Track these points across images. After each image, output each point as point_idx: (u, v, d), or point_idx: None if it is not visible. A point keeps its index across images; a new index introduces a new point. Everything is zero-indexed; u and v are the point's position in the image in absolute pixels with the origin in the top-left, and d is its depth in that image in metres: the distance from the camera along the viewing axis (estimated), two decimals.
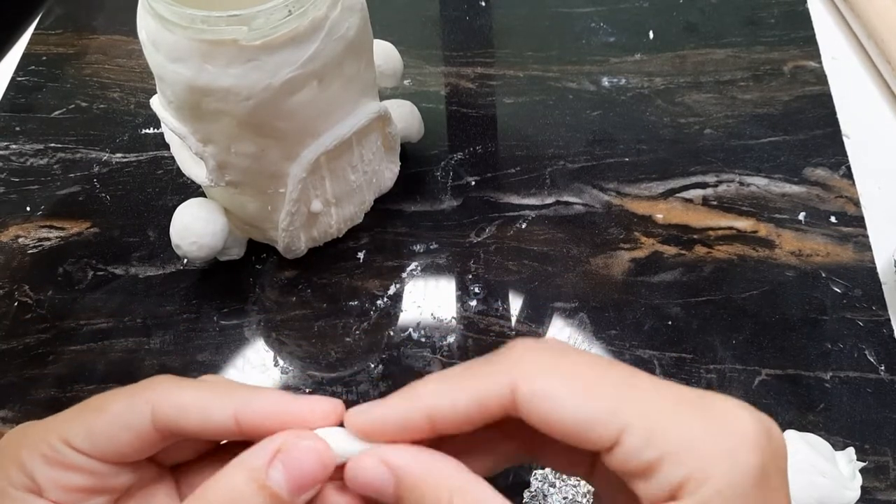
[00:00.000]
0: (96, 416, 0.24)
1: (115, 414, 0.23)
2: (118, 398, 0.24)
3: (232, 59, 0.30)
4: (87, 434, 0.23)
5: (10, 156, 0.46)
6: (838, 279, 0.39)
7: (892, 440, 0.34)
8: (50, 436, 0.23)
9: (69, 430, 0.23)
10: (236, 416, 0.22)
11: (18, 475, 0.23)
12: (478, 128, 0.46)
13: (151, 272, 0.41)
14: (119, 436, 0.23)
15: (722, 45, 0.49)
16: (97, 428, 0.23)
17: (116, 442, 0.23)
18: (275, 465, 0.21)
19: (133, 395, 0.24)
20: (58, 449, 0.23)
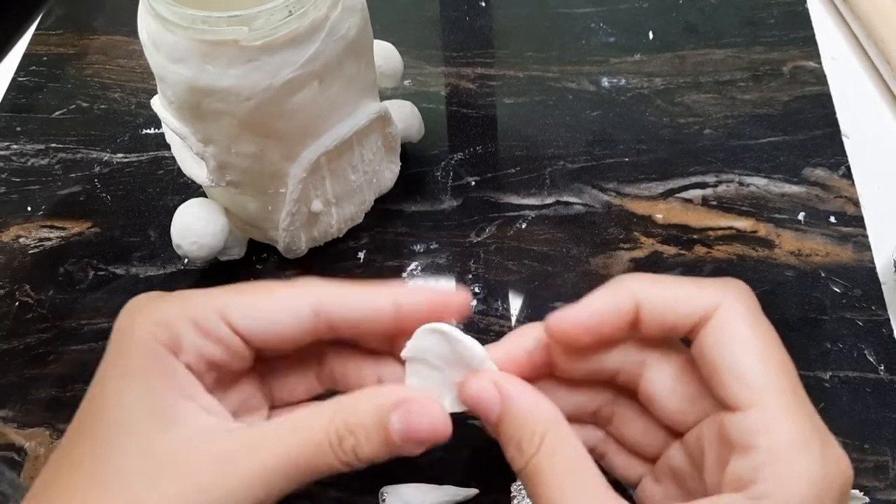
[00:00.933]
0: (261, 298, 0.25)
1: (280, 297, 0.25)
2: (282, 290, 0.25)
3: (232, 60, 0.30)
4: (249, 312, 0.24)
5: (10, 156, 0.46)
6: (838, 279, 0.39)
7: (891, 440, 0.34)
8: (205, 306, 0.24)
9: (229, 306, 0.24)
10: (397, 305, 0.25)
11: (163, 331, 0.24)
12: (478, 128, 0.46)
13: (152, 272, 0.41)
14: (280, 320, 0.25)
15: (721, 46, 0.49)
16: (261, 309, 0.25)
17: (276, 325, 0.25)
18: (397, 411, 0.23)
19: (296, 290, 0.25)
20: (212, 320, 0.24)
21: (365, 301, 0.25)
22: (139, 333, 0.24)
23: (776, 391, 0.21)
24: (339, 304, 0.25)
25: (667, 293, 0.24)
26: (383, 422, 0.23)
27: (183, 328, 0.24)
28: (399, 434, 0.23)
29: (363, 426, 0.23)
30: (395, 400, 0.23)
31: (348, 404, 0.24)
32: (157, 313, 0.24)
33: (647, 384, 0.25)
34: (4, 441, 0.36)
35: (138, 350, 0.23)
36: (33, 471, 0.35)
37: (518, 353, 0.26)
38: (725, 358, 0.22)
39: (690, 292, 0.23)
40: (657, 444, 0.26)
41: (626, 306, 0.24)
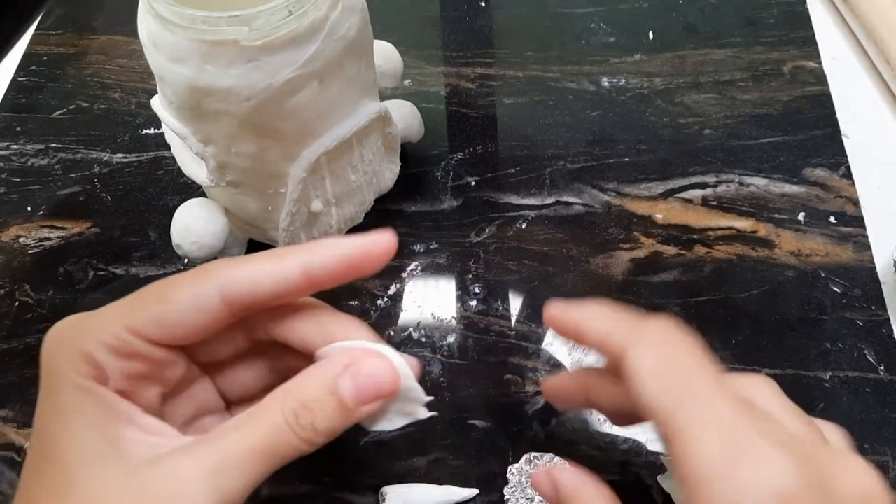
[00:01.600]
0: (165, 305, 0.24)
1: (183, 301, 0.24)
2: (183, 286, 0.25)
3: (232, 60, 0.30)
4: (157, 322, 0.24)
5: (10, 156, 0.46)
6: (838, 279, 0.39)
7: (891, 440, 0.34)
8: (115, 326, 0.24)
9: (136, 320, 0.24)
10: (306, 271, 0.25)
11: (84, 364, 0.23)
12: (478, 128, 0.46)
13: (152, 272, 0.41)
14: (190, 320, 0.24)
15: (721, 46, 0.49)
16: (168, 316, 0.24)
17: (187, 326, 0.24)
18: (345, 376, 0.24)
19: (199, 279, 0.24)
20: (124, 338, 0.24)
21: (272, 276, 0.25)
22: (63, 370, 0.23)
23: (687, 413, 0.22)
24: (246, 286, 0.24)
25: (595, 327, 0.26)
26: (333, 390, 0.23)
27: (100, 356, 0.23)
28: (351, 398, 0.24)
29: (316, 399, 0.23)
30: (342, 365, 0.24)
31: (297, 383, 0.24)
32: (75, 345, 0.24)
33: None
34: (4, 441, 0.36)
35: (67, 388, 0.23)
36: None
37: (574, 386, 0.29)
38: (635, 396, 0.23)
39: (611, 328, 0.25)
40: None
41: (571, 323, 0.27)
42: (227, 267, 0.25)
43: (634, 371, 0.23)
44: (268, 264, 0.25)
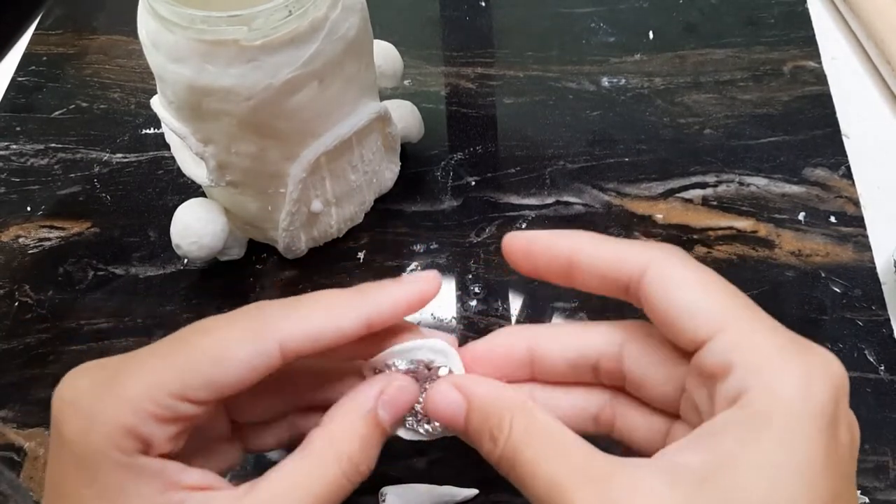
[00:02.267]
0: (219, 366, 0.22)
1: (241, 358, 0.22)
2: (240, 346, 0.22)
3: (232, 60, 0.30)
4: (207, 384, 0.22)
5: (10, 156, 0.46)
6: (838, 279, 0.39)
7: (891, 440, 0.34)
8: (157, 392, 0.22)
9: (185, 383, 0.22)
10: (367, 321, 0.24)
11: (126, 440, 0.21)
12: (478, 128, 0.46)
13: (152, 272, 0.41)
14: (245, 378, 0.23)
15: (722, 46, 0.49)
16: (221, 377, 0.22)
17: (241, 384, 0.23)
18: (381, 405, 0.24)
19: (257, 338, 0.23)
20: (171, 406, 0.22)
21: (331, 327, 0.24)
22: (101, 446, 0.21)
23: (734, 313, 0.21)
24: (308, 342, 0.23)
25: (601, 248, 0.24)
26: (376, 424, 0.24)
27: (146, 427, 0.21)
28: (391, 422, 0.25)
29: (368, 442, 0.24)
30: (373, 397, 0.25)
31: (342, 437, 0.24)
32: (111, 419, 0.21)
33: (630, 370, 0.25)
34: (4, 441, 0.36)
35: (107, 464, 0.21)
36: (32, 471, 0.35)
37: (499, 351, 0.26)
38: (674, 300, 0.22)
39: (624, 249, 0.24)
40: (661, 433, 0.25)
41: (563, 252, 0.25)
42: (285, 317, 0.23)
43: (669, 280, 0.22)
44: (332, 319, 0.24)
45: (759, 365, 0.20)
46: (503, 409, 0.23)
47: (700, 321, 0.21)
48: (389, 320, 0.25)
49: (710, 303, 0.22)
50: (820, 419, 0.19)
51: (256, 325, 0.23)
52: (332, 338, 0.24)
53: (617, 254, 0.24)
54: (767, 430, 0.19)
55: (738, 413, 0.20)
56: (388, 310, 0.25)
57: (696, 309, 0.22)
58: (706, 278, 0.22)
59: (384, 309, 0.25)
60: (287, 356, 0.23)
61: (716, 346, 0.21)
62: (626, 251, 0.23)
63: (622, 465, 0.20)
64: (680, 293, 0.22)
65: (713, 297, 0.22)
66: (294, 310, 0.24)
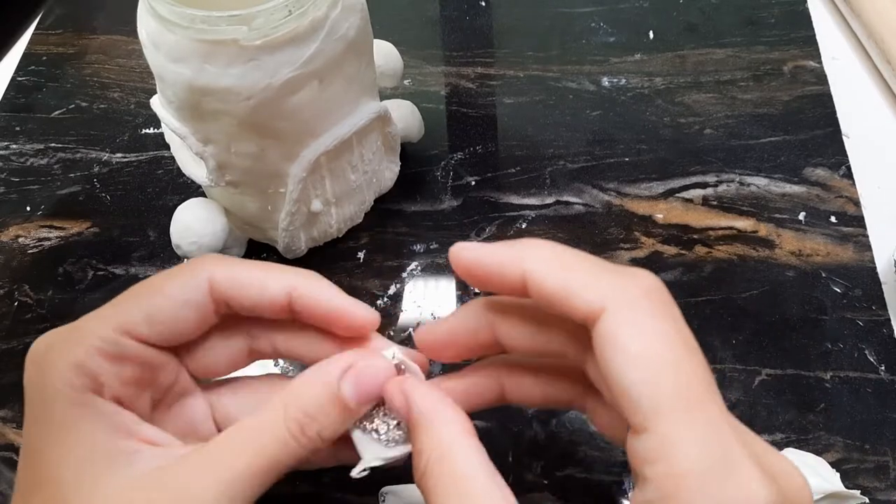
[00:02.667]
0: (155, 299, 0.24)
1: (174, 293, 0.24)
2: (172, 278, 0.24)
3: (232, 59, 0.30)
4: (147, 318, 0.23)
5: (10, 156, 0.46)
6: (838, 279, 0.39)
7: (892, 440, 0.34)
8: (104, 329, 0.23)
9: (127, 318, 0.23)
10: (290, 295, 0.24)
11: (77, 376, 0.22)
12: (478, 128, 0.46)
13: (152, 272, 0.41)
14: (180, 314, 0.24)
15: (722, 45, 0.49)
16: (158, 311, 0.24)
17: (178, 321, 0.24)
18: (346, 378, 0.23)
19: (187, 273, 0.24)
20: (115, 341, 0.23)
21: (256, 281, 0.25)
22: (54, 386, 0.22)
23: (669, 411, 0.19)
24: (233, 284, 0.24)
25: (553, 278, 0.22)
26: (335, 395, 0.23)
27: (94, 363, 0.23)
28: (354, 399, 0.23)
29: (320, 408, 0.23)
30: (341, 368, 0.24)
31: (295, 393, 0.23)
32: (63, 358, 0.23)
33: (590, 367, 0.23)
34: (4, 441, 0.36)
35: (60, 404, 0.22)
36: None
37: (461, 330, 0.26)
38: (613, 374, 0.20)
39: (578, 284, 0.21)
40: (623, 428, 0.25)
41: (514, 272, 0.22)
42: (215, 260, 0.25)
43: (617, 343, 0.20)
44: (256, 271, 0.25)
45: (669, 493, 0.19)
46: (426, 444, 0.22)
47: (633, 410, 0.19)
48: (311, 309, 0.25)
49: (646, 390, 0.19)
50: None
51: (189, 266, 0.25)
52: (256, 293, 0.24)
53: (567, 289, 0.21)
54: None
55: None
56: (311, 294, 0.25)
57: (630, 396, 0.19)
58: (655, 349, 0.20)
59: (308, 292, 0.25)
60: (217, 300, 0.24)
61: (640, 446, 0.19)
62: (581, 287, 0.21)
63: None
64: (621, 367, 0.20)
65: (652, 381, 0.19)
66: (227, 260, 0.25)
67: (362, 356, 0.24)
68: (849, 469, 0.33)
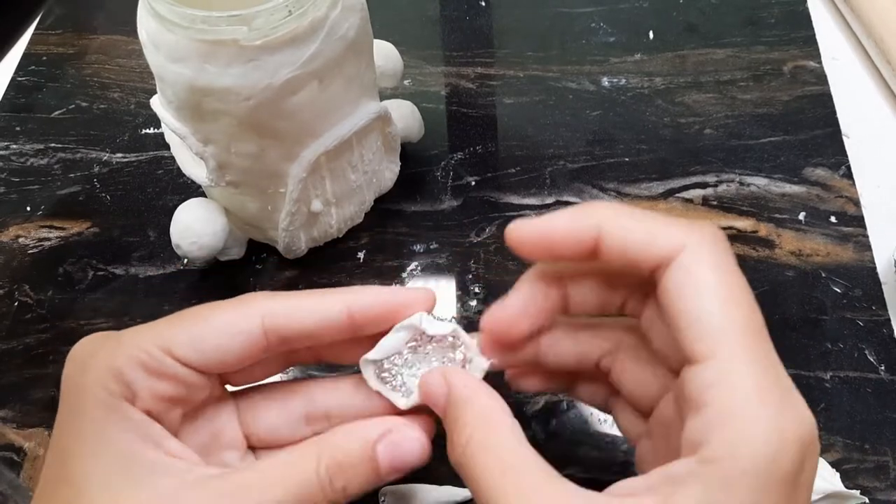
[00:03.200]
0: (203, 326, 0.24)
1: (223, 322, 0.24)
2: (224, 308, 0.24)
3: (232, 59, 0.30)
4: (192, 343, 0.23)
5: (10, 156, 0.46)
6: (838, 279, 0.39)
7: (892, 440, 0.34)
8: (148, 344, 0.23)
9: (171, 339, 0.23)
10: (349, 310, 0.24)
11: (114, 382, 0.23)
12: (478, 128, 0.46)
13: (151, 272, 0.41)
14: (227, 344, 0.24)
15: (722, 45, 0.49)
16: (205, 337, 0.24)
17: (223, 350, 0.24)
18: (384, 443, 0.23)
19: (241, 305, 0.24)
20: (157, 357, 0.23)
21: (314, 310, 0.24)
22: (90, 387, 0.23)
23: (735, 341, 0.20)
24: (288, 317, 0.24)
25: (631, 227, 0.22)
26: (370, 455, 0.23)
27: (132, 373, 0.23)
28: (386, 465, 0.23)
29: (351, 463, 0.23)
30: (380, 432, 0.24)
31: (332, 443, 0.23)
32: (103, 362, 0.23)
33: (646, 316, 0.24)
34: (4, 441, 0.36)
35: (93, 405, 0.22)
36: (32, 471, 0.35)
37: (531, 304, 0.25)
38: (685, 304, 0.21)
39: (656, 230, 0.22)
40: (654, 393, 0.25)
41: (588, 233, 0.22)
42: (269, 297, 0.25)
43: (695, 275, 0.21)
44: (311, 299, 0.25)
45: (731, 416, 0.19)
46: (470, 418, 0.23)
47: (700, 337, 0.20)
48: (373, 316, 0.25)
49: (717, 320, 0.20)
50: (783, 485, 0.19)
51: (242, 299, 0.25)
52: (315, 321, 0.24)
53: (650, 232, 0.22)
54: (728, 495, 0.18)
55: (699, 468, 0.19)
56: (370, 303, 0.25)
57: (701, 322, 0.20)
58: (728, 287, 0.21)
59: (367, 302, 0.25)
60: (270, 333, 0.24)
61: (702, 374, 0.20)
62: (660, 231, 0.22)
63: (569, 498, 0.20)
64: (695, 298, 0.21)
65: (724, 313, 0.20)
66: (280, 294, 0.25)
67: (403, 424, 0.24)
68: (849, 469, 0.33)
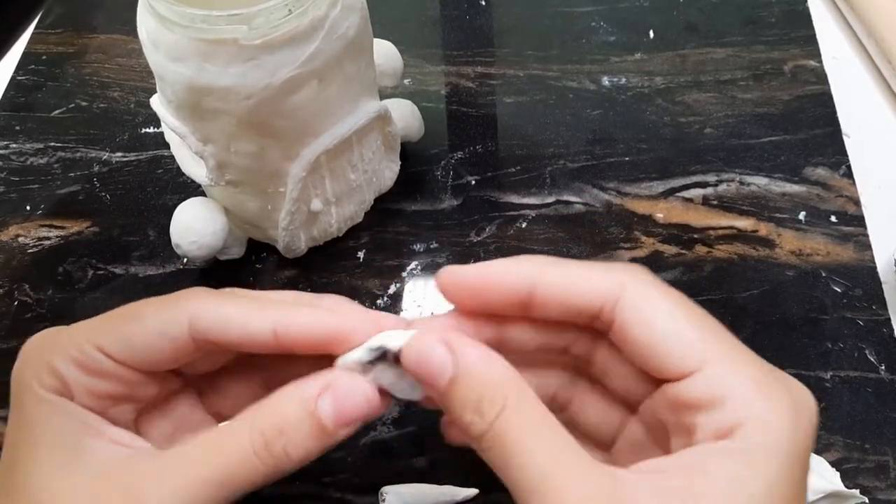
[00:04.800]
0: (132, 325, 0.24)
1: (152, 323, 0.24)
2: (155, 307, 0.24)
3: (232, 59, 0.30)
4: (123, 342, 0.23)
5: (9, 155, 0.46)
6: (838, 279, 0.39)
7: (892, 440, 0.34)
8: (81, 341, 0.23)
9: (103, 337, 0.23)
10: (276, 331, 0.23)
11: (49, 378, 0.23)
12: (478, 127, 0.46)
13: (151, 271, 0.41)
14: (155, 345, 0.24)
15: (722, 45, 0.49)
16: (133, 336, 0.23)
17: (152, 350, 0.24)
18: (324, 396, 0.22)
19: (170, 305, 0.24)
20: (90, 354, 0.23)
21: (242, 323, 0.23)
22: (28, 382, 0.23)
23: (716, 348, 0.21)
24: (214, 326, 0.23)
25: (568, 273, 0.22)
26: (311, 411, 0.22)
27: (65, 369, 0.23)
28: (331, 419, 0.22)
29: (290, 423, 0.22)
30: (320, 387, 0.22)
31: (268, 405, 0.22)
32: (40, 359, 0.23)
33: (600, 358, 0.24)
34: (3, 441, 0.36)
35: (31, 400, 0.23)
36: None
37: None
38: (654, 332, 0.21)
39: (591, 275, 0.22)
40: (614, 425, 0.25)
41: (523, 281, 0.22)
42: (200, 298, 0.24)
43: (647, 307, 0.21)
44: (242, 311, 0.23)
45: (751, 399, 0.20)
46: (498, 382, 0.21)
47: (684, 353, 0.21)
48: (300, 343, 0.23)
49: (691, 334, 0.21)
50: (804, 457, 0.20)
51: (173, 297, 0.24)
52: (241, 335, 0.23)
53: (586, 277, 0.22)
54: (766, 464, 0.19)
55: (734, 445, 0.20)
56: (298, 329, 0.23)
57: (678, 340, 0.21)
58: (682, 305, 0.22)
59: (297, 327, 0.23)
60: (196, 334, 0.23)
61: (702, 380, 0.21)
62: (595, 274, 0.22)
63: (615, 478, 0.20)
64: (661, 322, 0.21)
65: (693, 327, 0.21)
66: (213, 296, 0.24)
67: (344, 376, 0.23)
68: (849, 469, 0.33)
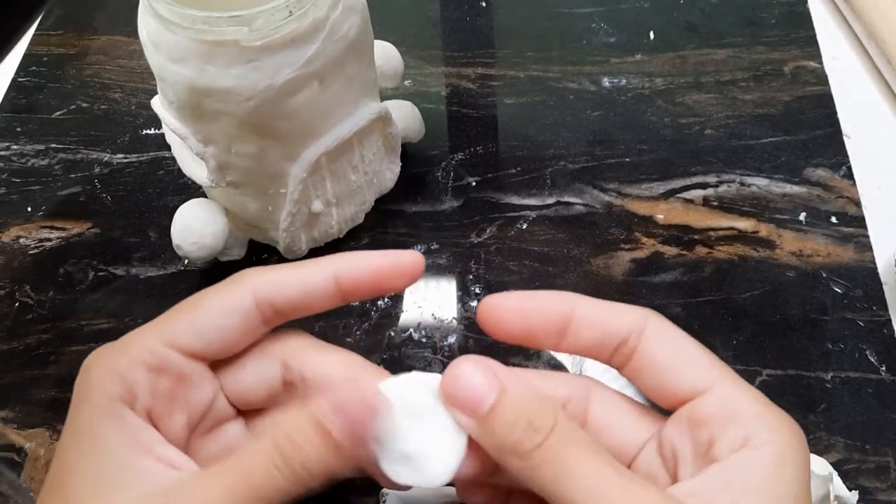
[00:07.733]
0: (197, 312, 0.24)
1: (217, 304, 0.24)
2: (215, 291, 0.25)
3: (233, 60, 0.30)
4: (191, 330, 0.24)
5: (11, 156, 0.46)
6: (839, 279, 0.39)
7: (892, 440, 0.34)
8: (151, 341, 0.24)
9: (172, 331, 0.24)
10: (336, 277, 0.25)
11: (113, 384, 0.23)
12: (478, 128, 0.46)
13: (152, 273, 0.41)
14: (224, 324, 0.24)
15: (722, 46, 0.49)
16: (201, 321, 0.24)
17: (222, 330, 0.24)
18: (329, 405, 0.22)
19: (230, 285, 0.25)
20: (161, 353, 0.24)
21: (302, 278, 0.25)
22: (91, 390, 0.23)
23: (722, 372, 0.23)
24: (277, 289, 0.25)
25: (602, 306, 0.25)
26: (320, 422, 0.21)
27: (132, 373, 0.23)
28: (339, 428, 0.21)
29: (303, 434, 0.22)
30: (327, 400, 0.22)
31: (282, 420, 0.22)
32: (107, 365, 0.23)
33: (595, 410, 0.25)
34: (4, 442, 0.36)
35: (90, 409, 0.23)
36: (33, 471, 0.35)
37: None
38: (677, 353, 0.24)
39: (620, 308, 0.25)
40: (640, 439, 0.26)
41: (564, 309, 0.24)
42: (256, 272, 0.25)
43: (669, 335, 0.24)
44: (297, 269, 0.25)
45: (761, 413, 0.22)
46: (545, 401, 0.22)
47: (700, 372, 0.23)
48: (358, 280, 0.25)
49: (704, 359, 0.24)
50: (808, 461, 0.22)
51: (231, 279, 0.25)
52: (301, 287, 0.25)
53: (617, 309, 0.25)
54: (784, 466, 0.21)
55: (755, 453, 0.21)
56: (354, 267, 0.25)
57: (696, 362, 0.23)
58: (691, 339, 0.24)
59: (353, 267, 0.25)
60: (263, 306, 0.24)
61: (715, 396, 0.23)
62: (623, 308, 0.25)
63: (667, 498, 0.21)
64: (681, 346, 0.24)
65: (704, 354, 0.24)
66: (269, 268, 0.25)
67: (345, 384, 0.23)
68: (849, 469, 0.33)
